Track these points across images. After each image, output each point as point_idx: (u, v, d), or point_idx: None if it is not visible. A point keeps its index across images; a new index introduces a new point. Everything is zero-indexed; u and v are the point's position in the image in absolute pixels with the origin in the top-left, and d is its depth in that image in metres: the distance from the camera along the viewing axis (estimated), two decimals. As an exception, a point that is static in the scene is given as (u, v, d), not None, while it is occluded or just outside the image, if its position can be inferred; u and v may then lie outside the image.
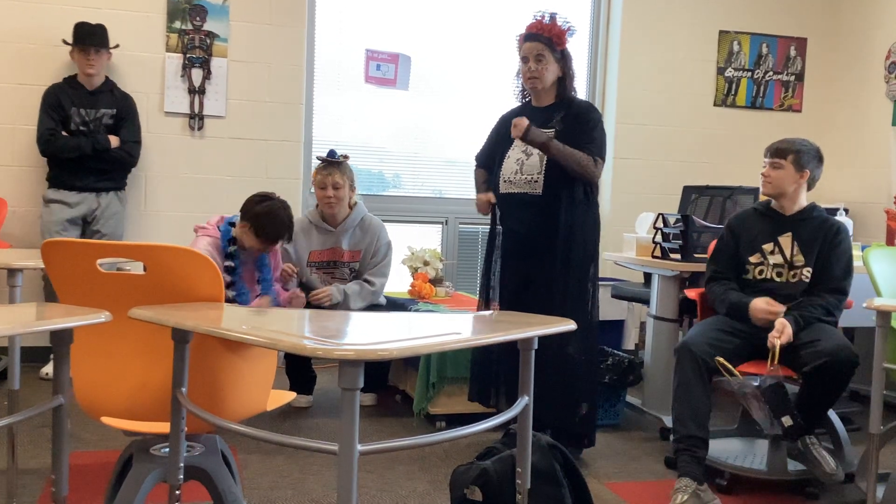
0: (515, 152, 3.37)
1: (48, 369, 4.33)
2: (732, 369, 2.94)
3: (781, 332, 2.93)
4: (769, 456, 3.17)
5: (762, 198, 3.42)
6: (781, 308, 3.05)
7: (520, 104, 3.49)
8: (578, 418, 3.30)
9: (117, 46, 4.55)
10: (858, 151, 5.64)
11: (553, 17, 3.31)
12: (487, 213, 3.52)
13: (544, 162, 3.26)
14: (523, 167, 3.31)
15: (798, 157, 3.18)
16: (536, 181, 3.27)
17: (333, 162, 3.99)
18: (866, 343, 2.95)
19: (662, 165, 5.68)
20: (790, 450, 3.12)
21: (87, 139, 4.34)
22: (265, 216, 3.47)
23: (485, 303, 3.54)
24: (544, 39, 3.28)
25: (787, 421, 2.87)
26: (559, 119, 3.29)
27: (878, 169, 5.45)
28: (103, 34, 4.45)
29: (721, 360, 2.95)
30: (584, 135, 3.25)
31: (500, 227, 3.50)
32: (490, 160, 3.51)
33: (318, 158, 4.07)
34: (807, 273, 3.16)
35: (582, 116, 3.29)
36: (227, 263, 3.51)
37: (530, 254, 3.34)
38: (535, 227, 3.29)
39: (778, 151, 3.21)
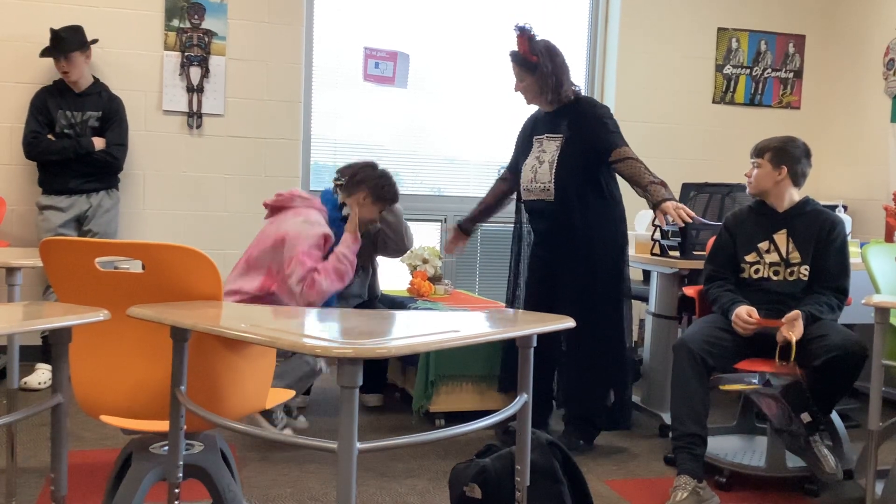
0: (531, 160, 3.46)
1: (29, 378, 4.13)
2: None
3: (793, 326, 2.91)
4: (768, 453, 3.17)
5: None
6: (755, 322, 3.00)
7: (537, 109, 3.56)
8: (613, 401, 3.46)
9: (96, 41, 4.46)
10: (857, 148, 5.64)
11: (520, 30, 3.30)
12: (450, 252, 3.78)
13: (554, 169, 3.32)
14: (536, 175, 3.40)
15: (774, 154, 3.19)
16: (548, 189, 3.36)
17: None
18: (865, 340, 2.95)
19: (661, 163, 5.65)
20: (790, 446, 3.12)
21: (70, 142, 4.29)
22: (388, 178, 3.49)
23: (510, 301, 3.67)
24: (513, 58, 3.36)
25: (805, 417, 2.89)
26: (565, 126, 3.37)
27: (877, 165, 5.45)
28: (72, 38, 4.31)
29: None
30: (598, 134, 3.33)
31: (527, 227, 3.60)
32: (515, 167, 3.62)
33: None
34: (804, 271, 3.15)
35: (587, 118, 3.36)
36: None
37: (556, 255, 3.44)
38: (556, 231, 3.41)
39: (757, 150, 3.26)
